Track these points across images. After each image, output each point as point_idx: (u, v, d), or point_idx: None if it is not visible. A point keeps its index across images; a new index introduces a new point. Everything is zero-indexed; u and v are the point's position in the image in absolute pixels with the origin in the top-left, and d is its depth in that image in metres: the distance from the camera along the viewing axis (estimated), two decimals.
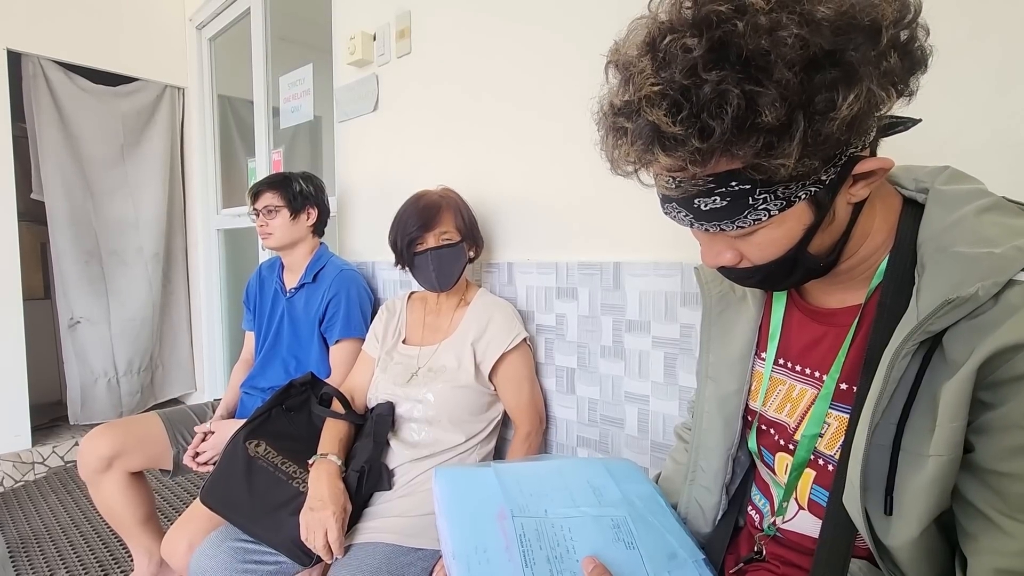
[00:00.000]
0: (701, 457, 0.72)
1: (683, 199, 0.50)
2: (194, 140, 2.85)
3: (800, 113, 0.42)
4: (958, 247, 0.48)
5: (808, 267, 0.54)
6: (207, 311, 2.85)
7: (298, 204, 1.58)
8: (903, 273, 0.53)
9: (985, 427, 0.46)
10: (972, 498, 0.47)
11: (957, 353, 0.46)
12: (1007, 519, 0.45)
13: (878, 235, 0.55)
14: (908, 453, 0.49)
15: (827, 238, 0.52)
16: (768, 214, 0.48)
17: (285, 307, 1.63)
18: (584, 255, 1.23)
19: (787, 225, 0.49)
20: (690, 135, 0.43)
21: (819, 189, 0.48)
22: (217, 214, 2.82)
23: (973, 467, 0.47)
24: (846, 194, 0.50)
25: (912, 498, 0.48)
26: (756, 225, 0.49)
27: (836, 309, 0.61)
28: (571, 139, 1.23)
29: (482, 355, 1.21)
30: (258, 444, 1.19)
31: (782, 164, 0.43)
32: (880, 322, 0.53)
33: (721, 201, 0.48)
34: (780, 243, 0.51)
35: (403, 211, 1.26)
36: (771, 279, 0.56)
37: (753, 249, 0.53)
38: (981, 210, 0.50)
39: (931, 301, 0.46)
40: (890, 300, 0.53)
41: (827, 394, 0.59)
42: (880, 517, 0.51)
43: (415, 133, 1.63)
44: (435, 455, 1.17)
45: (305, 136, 2.81)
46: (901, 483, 0.49)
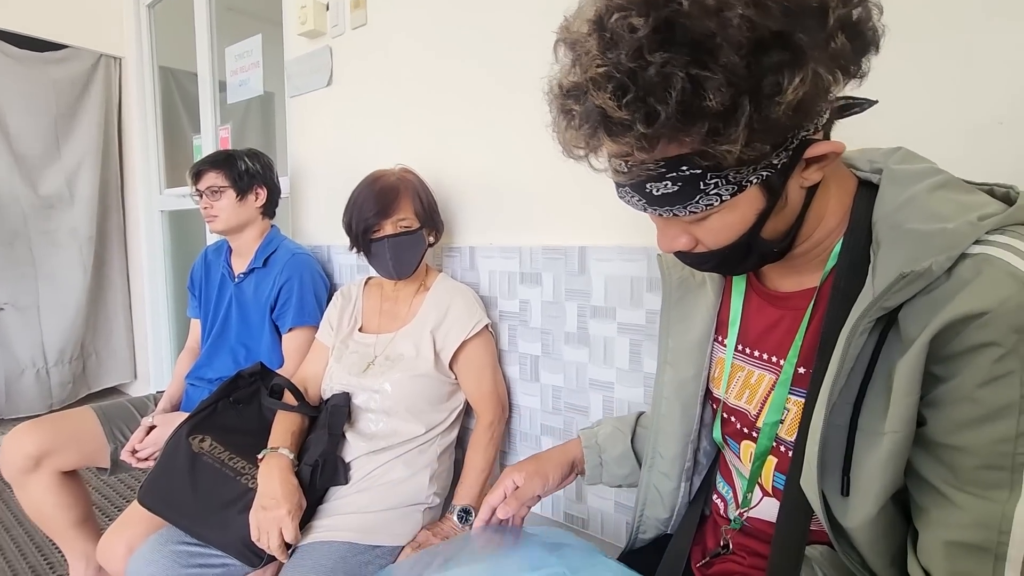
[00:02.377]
0: (660, 443, 0.72)
1: (635, 184, 0.50)
2: (133, 114, 2.66)
3: (746, 97, 0.41)
4: (912, 224, 0.48)
5: (762, 252, 0.54)
6: (151, 298, 2.69)
7: (244, 184, 1.48)
8: (858, 253, 0.53)
9: (937, 400, 0.46)
10: (924, 472, 0.47)
11: (912, 328, 0.46)
12: (957, 492, 0.45)
13: (832, 218, 0.55)
14: (864, 432, 0.49)
15: (780, 222, 0.52)
16: (720, 199, 0.48)
17: (233, 293, 1.53)
18: (548, 239, 1.19)
19: (739, 210, 0.49)
20: (636, 120, 0.42)
21: (771, 174, 0.47)
22: (160, 194, 2.65)
23: (925, 441, 0.47)
24: (799, 178, 0.50)
25: (869, 477, 0.48)
26: (708, 210, 0.49)
27: (792, 292, 0.60)
28: (537, 118, 1.18)
29: (442, 343, 1.17)
30: (202, 439, 1.11)
31: (728, 150, 0.42)
32: (835, 303, 0.53)
33: (672, 186, 0.47)
34: (733, 228, 0.51)
35: (358, 194, 1.19)
36: (727, 264, 0.56)
37: (707, 234, 0.52)
38: (933, 187, 0.50)
39: (886, 277, 0.46)
40: (844, 281, 0.53)
41: (785, 379, 0.59)
42: (837, 499, 0.51)
43: (372, 109, 1.55)
44: (393, 447, 1.12)
45: (257, 112, 2.66)
46: (858, 463, 0.49)
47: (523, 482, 0.74)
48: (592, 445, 0.81)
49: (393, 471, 1.10)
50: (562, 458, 0.80)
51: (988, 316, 0.42)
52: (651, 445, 0.73)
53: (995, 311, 0.42)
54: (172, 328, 2.71)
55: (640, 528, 0.76)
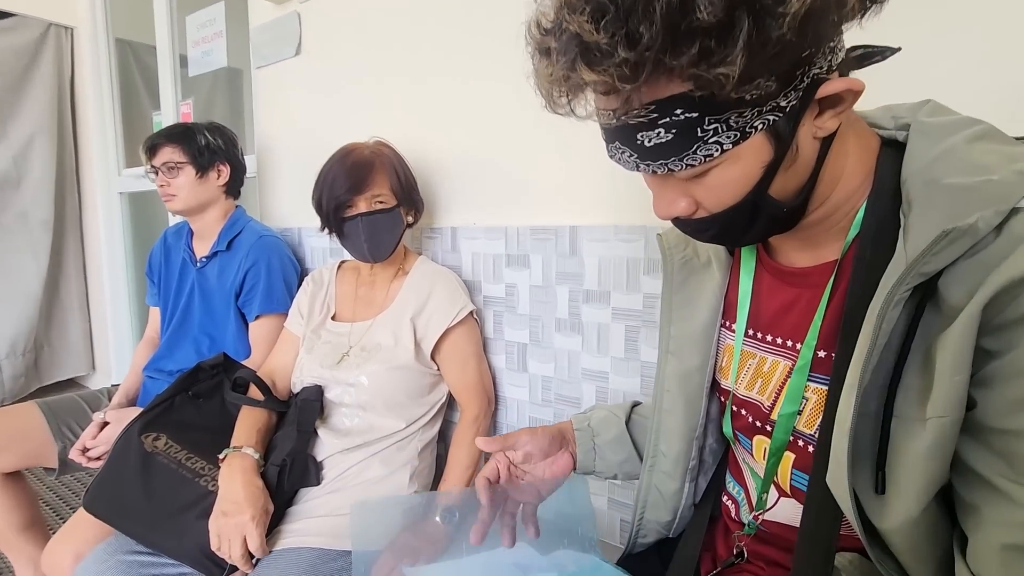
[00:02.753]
0: (661, 441, 0.65)
1: (624, 135, 0.44)
2: (88, 89, 2.48)
3: (743, 10, 0.36)
4: (950, 178, 0.42)
5: (771, 214, 0.47)
6: (110, 285, 2.53)
7: (205, 160, 1.36)
8: (884, 219, 0.46)
9: (989, 378, 0.40)
10: (973, 463, 0.41)
11: (956, 296, 0.40)
12: (1015, 485, 0.39)
13: (852, 179, 0.48)
14: (902, 419, 0.42)
15: (791, 179, 0.45)
16: (720, 148, 0.42)
17: (195, 279, 1.42)
18: (537, 218, 1.11)
19: (743, 163, 0.43)
20: (616, 43, 0.37)
21: (778, 118, 0.41)
22: (119, 175, 2.48)
23: (975, 427, 0.41)
24: (811, 126, 0.43)
25: (910, 471, 0.42)
26: (708, 163, 0.43)
27: (809, 268, 0.53)
28: (525, 88, 1.09)
29: (423, 331, 1.08)
30: (156, 437, 1.01)
31: (723, 74, 0.37)
32: (859, 275, 0.47)
33: (666, 134, 0.42)
34: (737, 185, 0.45)
35: (329, 169, 1.09)
36: (731, 230, 0.49)
37: (708, 194, 0.46)
38: (972, 138, 0.44)
39: (923, 239, 0.40)
40: (870, 250, 0.46)
41: (804, 365, 0.52)
42: (871, 497, 0.44)
43: (345, 81, 1.44)
44: (370, 443, 1.03)
45: (223, 90, 2.51)
46: (895, 455, 0.43)
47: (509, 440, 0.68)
48: (584, 428, 0.73)
49: (369, 469, 1.02)
50: (550, 428, 0.72)
51: None
52: (652, 443, 0.66)
53: None
54: (133, 318, 2.56)
55: (640, 532, 0.69)
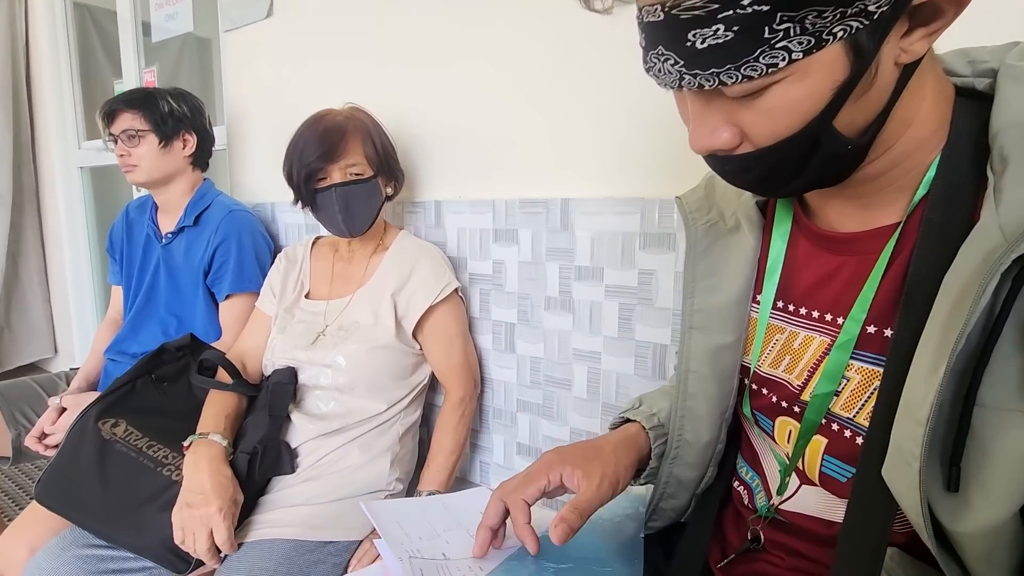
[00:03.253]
0: (687, 429, 0.58)
1: (673, 34, 0.37)
2: (43, 57, 2.32)
3: None
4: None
5: (832, 152, 0.40)
6: (72, 265, 2.40)
7: (169, 129, 1.27)
8: (961, 178, 0.41)
9: None
10: None
11: None
12: None
13: (925, 126, 0.42)
14: (991, 409, 0.37)
15: (861, 111, 0.38)
16: (788, 57, 0.35)
17: (161, 256, 1.33)
18: (526, 191, 1.05)
19: (811, 80, 0.36)
20: None
21: (862, 26, 0.34)
22: (79, 148, 2.34)
23: None
24: (895, 46, 0.37)
25: (1004, 469, 0.36)
26: (770, 76, 0.36)
27: (859, 233, 0.47)
28: (513, 50, 1.03)
29: (404, 308, 1.02)
30: (115, 424, 0.93)
31: None
32: (928, 242, 0.41)
33: (725, 32, 0.35)
34: (799, 109, 0.38)
35: (299, 136, 1.02)
36: (778, 172, 0.42)
37: (760, 121, 0.39)
38: None
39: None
40: (943, 213, 0.41)
41: (847, 341, 0.46)
42: (940, 495, 0.39)
43: (320, 45, 1.35)
44: (348, 428, 0.97)
45: (192, 58, 2.37)
46: (981, 451, 0.37)
47: (582, 483, 0.52)
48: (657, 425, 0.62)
49: (348, 456, 0.96)
50: (629, 457, 0.58)
51: None
52: (675, 432, 0.59)
53: None
54: (96, 298, 2.44)
55: (652, 518, 0.64)
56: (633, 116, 0.92)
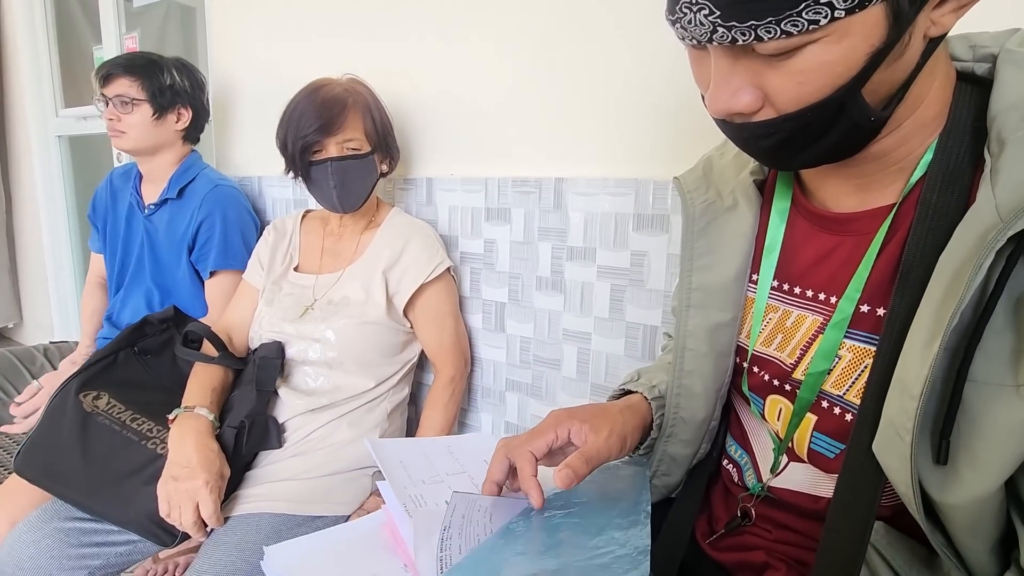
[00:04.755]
0: (683, 407, 0.59)
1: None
2: (17, 21, 2.23)
3: None
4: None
5: (854, 122, 0.39)
6: (50, 236, 2.34)
7: (166, 100, 1.23)
8: (958, 160, 0.41)
9: None
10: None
11: None
12: None
13: (931, 107, 0.43)
14: (982, 384, 0.38)
15: (887, 81, 0.38)
16: (830, 13, 0.34)
17: (144, 227, 1.30)
18: (519, 170, 1.04)
19: (849, 42, 0.36)
20: None
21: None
22: (56, 116, 2.27)
23: None
24: (928, 17, 0.37)
25: (994, 443, 0.37)
26: (810, 33, 0.35)
27: (855, 213, 0.48)
28: (509, 27, 1.01)
29: (396, 286, 1.01)
30: (97, 396, 0.92)
31: None
32: (924, 223, 0.42)
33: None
34: (833, 72, 0.37)
35: (296, 104, 0.99)
36: (797, 139, 0.41)
37: (789, 84, 0.38)
38: None
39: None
40: (939, 195, 0.41)
41: (841, 320, 0.47)
42: (929, 468, 0.40)
43: (312, 14, 1.31)
44: (336, 404, 0.97)
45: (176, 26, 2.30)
46: (972, 424, 0.38)
47: (589, 436, 0.52)
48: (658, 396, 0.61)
49: (337, 432, 0.95)
50: (635, 420, 0.58)
51: None
52: (671, 410, 0.60)
53: None
54: (76, 267, 2.38)
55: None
56: (629, 97, 0.91)
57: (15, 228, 2.56)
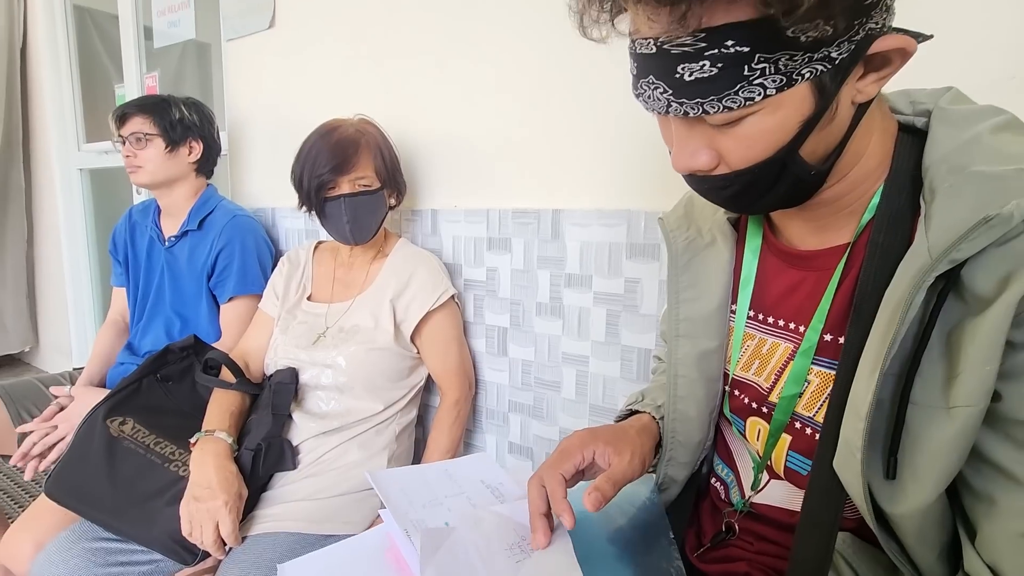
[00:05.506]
0: (679, 431, 0.63)
1: (663, 66, 0.41)
2: (43, 59, 2.35)
3: None
4: (978, 166, 0.42)
5: (797, 176, 0.45)
6: (71, 265, 2.42)
7: (177, 135, 1.31)
8: (901, 204, 0.46)
9: (1014, 372, 0.40)
10: (991, 454, 0.41)
11: (983, 286, 0.40)
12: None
13: (872, 158, 0.48)
14: (921, 407, 0.42)
15: (822, 142, 0.44)
16: (763, 92, 0.40)
17: (164, 258, 1.37)
18: (519, 201, 1.10)
19: (782, 113, 0.41)
20: None
21: (826, 69, 0.39)
22: (79, 150, 2.37)
23: (995, 418, 0.41)
24: (853, 87, 0.42)
25: (929, 458, 0.42)
26: (747, 107, 0.41)
27: (817, 251, 0.53)
28: (508, 66, 1.08)
29: (403, 314, 1.06)
30: (123, 422, 0.97)
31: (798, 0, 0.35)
32: (873, 261, 0.46)
33: (711, 68, 0.39)
34: (770, 137, 0.43)
35: (312, 145, 1.05)
36: (750, 191, 0.47)
37: (737, 146, 0.44)
38: (997, 128, 0.44)
39: (952, 226, 0.40)
40: (885, 236, 0.46)
41: (808, 348, 0.52)
42: (881, 482, 0.44)
43: (321, 57, 1.39)
44: (347, 427, 1.02)
45: (192, 64, 2.41)
46: (913, 442, 0.43)
47: (613, 459, 0.55)
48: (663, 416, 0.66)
49: (348, 454, 1.00)
50: (651, 441, 0.62)
51: None
52: (668, 434, 0.64)
53: None
54: (95, 296, 2.47)
55: None
56: (620, 133, 0.97)
57: (36, 255, 2.65)
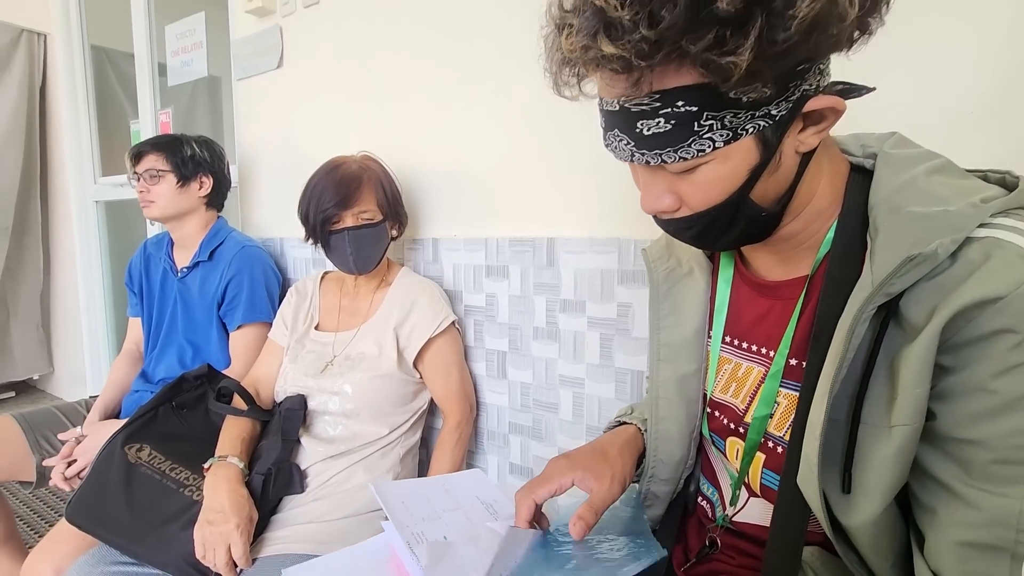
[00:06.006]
0: (661, 450, 0.67)
1: (625, 122, 0.46)
2: (61, 96, 2.45)
3: (759, 8, 0.38)
4: (912, 207, 0.46)
5: (750, 217, 0.50)
6: (86, 294, 2.50)
7: (188, 171, 1.38)
8: (853, 239, 0.51)
9: (947, 393, 0.44)
10: (932, 469, 0.45)
11: (916, 316, 0.44)
12: (970, 488, 0.43)
13: (824, 198, 0.53)
14: (869, 425, 0.46)
15: (771, 187, 0.49)
16: (713, 144, 0.45)
17: (177, 289, 1.43)
18: (515, 230, 1.15)
19: (731, 162, 0.46)
20: (638, 20, 0.39)
21: (767, 125, 0.44)
22: (95, 183, 2.46)
23: (933, 436, 0.45)
24: (794, 139, 0.47)
25: (875, 473, 0.46)
26: (700, 158, 0.45)
27: (782, 282, 0.58)
28: (503, 102, 1.14)
29: (406, 341, 1.11)
30: (140, 448, 1.02)
31: (732, 63, 0.39)
32: (829, 292, 0.51)
33: (665, 124, 0.44)
34: (722, 183, 0.47)
35: (317, 182, 1.11)
36: (711, 230, 0.52)
37: (694, 191, 0.49)
38: (931, 171, 0.48)
39: (889, 262, 0.44)
40: (838, 269, 0.51)
41: (777, 372, 0.56)
42: (838, 496, 0.48)
43: (326, 94, 1.46)
44: (353, 451, 1.06)
45: (203, 97, 2.51)
46: (862, 458, 0.47)
47: (593, 485, 0.59)
48: None
49: (354, 477, 1.04)
50: (633, 458, 0.66)
51: (1004, 301, 0.40)
52: (651, 453, 0.68)
53: (1011, 296, 0.40)
54: (109, 323, 2.54)
55: None
56: (609, 166, 1.02)
57: (52, 284, 2.74)
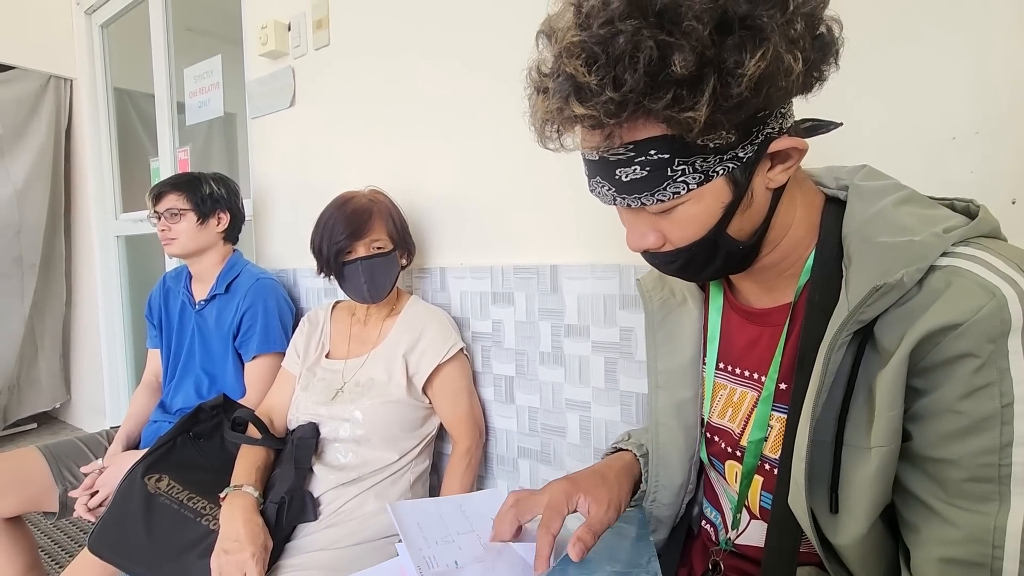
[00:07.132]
0: (662, 474, 0.68)
1: (605, 170, 0.50)
2: (86, 137, 2.56)
3: (710, 68, 0.42)
4: (881, 237, 0.49)
5: (729, 251, 0.53)
6: (106, 326, 2.57)
7: (207, 208, 1.44)
8: (830, 268, 0.53)
9: (920, 414, 0.46)
10: (912, 487, 0.47)
11: (888, 341, 0.46)
12: (947, 506, 0.44)
13: (800, 228, 0.55)
14: (851, 447, 0.48)
15: (747, 222, 0.52)
16: (686, 187, 0.48)
17: (195, 321, 1.47)
18: (520, 258, 1.18)
19: (705, 202, 0.49)
20: (604, 85, 0.43)
21: (736, 166, 0.47)
22: (116, 219, 2.55)
23: (911, 455, 0.47)
24: (764, 177, 0.50)
25: (859, 493, 0.47)
26: (675, 199, 0.49)
27: (769, 309, 0.60)
28: (505, 135, 1.18)
29: (415, 367, 1.14)
30: (159, 479, 1.05)
31: (692, 118, 0.43)
32: (811, 318, 0.53)
33: (641, 171, 0.48)
34: (699, 221, 0.50)
35: (328, 216, 1.15)
36: (694, 264, 0.54)
37: (675, 228, 0.52)
38: (898, 202, 0.51)
39: (860, 291, 0.47)
40: (819, 296, 0.53)
41: (768, 396, 0.58)
42: (827, 516, 0.50)
43: (337, 131, 1.52)
44: (364, 477, 1.08)
45: (219, 134, 2.60)
46: (846, 478, 0.48)
47: (592, 508, 0.60)
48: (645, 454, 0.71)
49: (365, 504, 1.06)
50: (629, 483, 0.68)
51: (963, 327, 0.42)
52: (653, 477, 0.69)
53: (969, 322, 0.42)
54: (128, 356, 2.60)
55: None
56: None
57: (73, 317, 2.82)
